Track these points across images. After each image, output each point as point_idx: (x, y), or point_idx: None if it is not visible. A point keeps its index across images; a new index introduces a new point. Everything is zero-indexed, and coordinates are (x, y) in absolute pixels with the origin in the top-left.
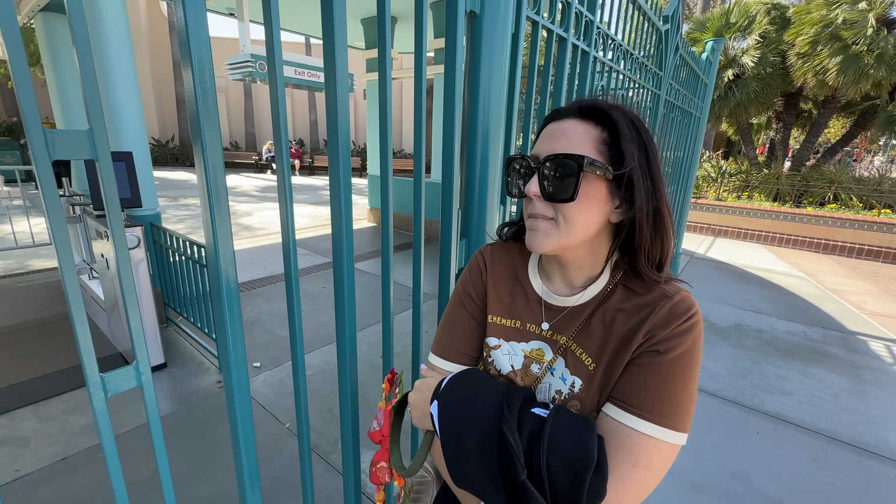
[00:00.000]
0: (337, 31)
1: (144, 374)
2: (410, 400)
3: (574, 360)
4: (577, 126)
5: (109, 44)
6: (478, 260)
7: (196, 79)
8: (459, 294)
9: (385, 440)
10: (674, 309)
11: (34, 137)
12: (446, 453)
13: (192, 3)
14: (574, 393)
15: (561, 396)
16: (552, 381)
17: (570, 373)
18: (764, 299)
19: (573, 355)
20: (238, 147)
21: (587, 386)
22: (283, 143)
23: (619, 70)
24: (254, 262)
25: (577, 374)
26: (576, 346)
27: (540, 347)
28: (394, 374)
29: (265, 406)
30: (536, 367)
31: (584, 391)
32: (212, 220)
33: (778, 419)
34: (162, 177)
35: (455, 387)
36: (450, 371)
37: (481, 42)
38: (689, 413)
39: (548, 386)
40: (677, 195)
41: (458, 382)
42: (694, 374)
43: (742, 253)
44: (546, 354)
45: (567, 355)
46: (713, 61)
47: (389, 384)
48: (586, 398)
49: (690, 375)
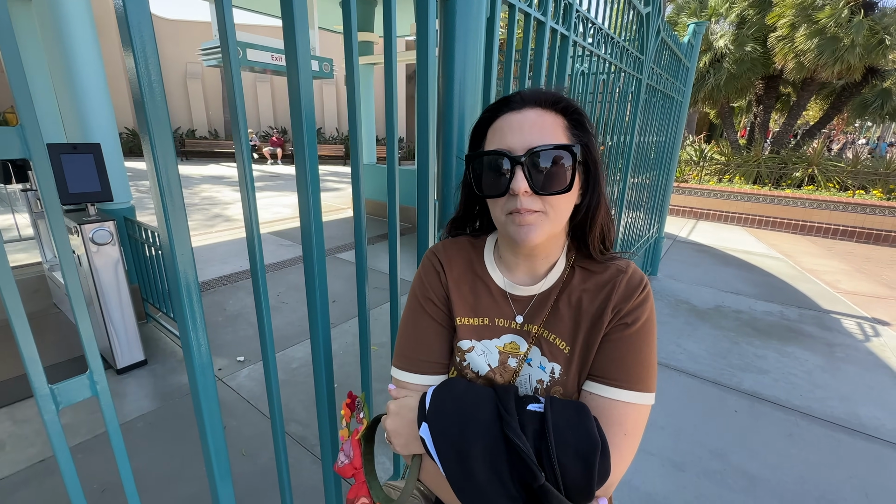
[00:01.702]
0: (297, 10)
1: (100, 384)
2: (389, 427)
3: (549, 347)
4: (544, 116)
5: (71, 29)
6: (432, 262)
7: (139, 65)
8: (418, 300)
9: (359, 473)
10: (630, 281)
11: None
12: (451, 474)
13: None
14: (555, 379)
15: (543, 385)
16: (531, 372)
17: (547, 360)
18: (743, 280)
19: (547, 342)
20: (217, 136)
21: (566, 369)
22: (241, 130)
23: (600, 54)
24: (235, 255)
25: (555, 359)
26: (548, 333)
27: (513, 341)
28: (353, 398)
29: (249, 400)
30: (513, 360)
31: (564, 374)
32: (165, 215)
33: (755, 397)
34: (137, 167)
35: (443, 403)
36: (421, 385)
37: (455, 27)
38: (655, 372)
39: (527, 378)
40: (660, 179)
41: (443, 397)
42: (655, 337)
43: (723, 235)
44: (521, 346)
45: (541, 343)
46: (695, 45)
47: (350, 409)
48: (567, 381)
49: (653, 338)
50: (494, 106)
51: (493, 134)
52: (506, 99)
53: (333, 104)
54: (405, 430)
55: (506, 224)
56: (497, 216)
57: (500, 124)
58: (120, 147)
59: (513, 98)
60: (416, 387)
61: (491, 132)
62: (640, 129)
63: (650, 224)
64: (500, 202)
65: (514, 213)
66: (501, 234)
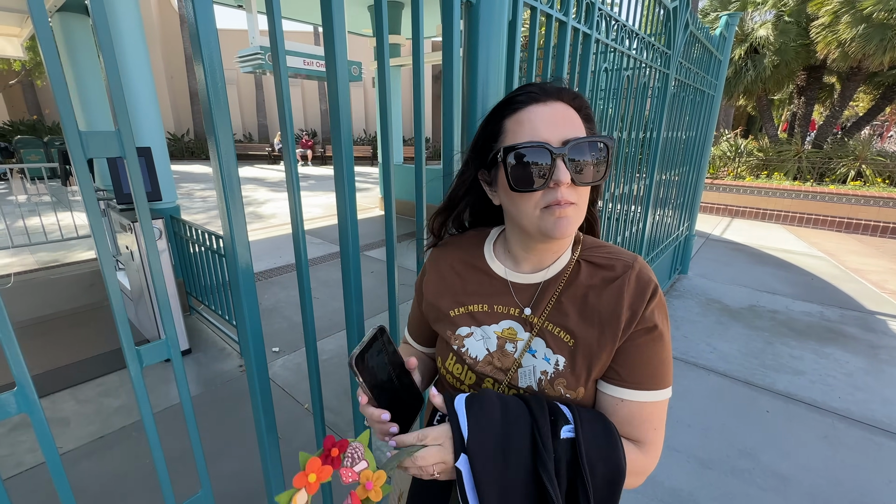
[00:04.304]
0: (336, 17)
1: (174, 349)
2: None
3: (553, 339)
4: (568, 110)
5: (124, 41)
6: (426, 264)
7: (207, 73)
8: (416, 285)
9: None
10: (640, 277)
11: (71, 138)
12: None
13: None
14: (559, 371)
15: (547, 377)
16: (535, 363)
17: (552, 352)
18: (780, 280)
19: (551, 334)
20: (251, 139)
21: (570, 362)
22: (288, 133)
23: (624, 51)
24: (269, 252)
25: (560, 352)
26: (552, 326)
27: (511, 326)
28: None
29: (284, 388)
30: (511, 345)
31: (568, 367)
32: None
33: (789, 398)
34: (179, 170)
35: (482, 431)
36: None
37: (478, 31)
38: (672, 366)
39: (531, 368)
40: (690, 175)
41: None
42: (670, 332)
43: (759, 234)
44: (518, 333)
45: (545, 335)
46: (728, 37)
47: (329, 459)
48: (571, 374)
49: (669, 335)
50: (509, 98)
51: (520, 126)
52: (522, 91)
53: (361, 106)
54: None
55: (539, 218)
56: (526, 211)
57: (526, 116)
58: (167, 151)
59: (529, 91)
60: (412, 348)
61: (514, 125)
62: (668, 125)
63: (680, 221)
64: (535, 196)
65: (553, 205)
66: (520, 230)
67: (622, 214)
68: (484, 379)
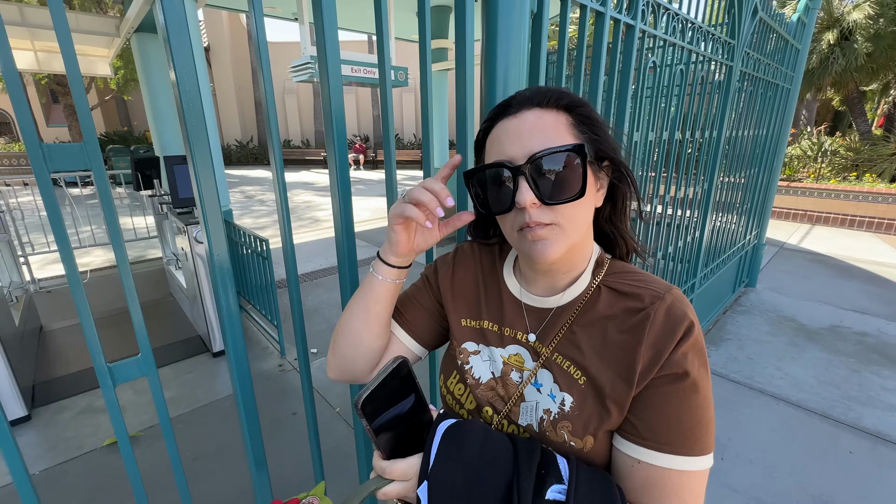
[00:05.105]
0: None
1: (149, 366)
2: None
3: (561, 374)
4: (544, 116)
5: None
6: (449, 256)
7: (266, 82)
8: (425, 272)
9: None
10: (671, 310)
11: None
12: None
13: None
14: (564, 412)
15: (550, 416)
16: (539, 399)
17: (559, 389)
18: (871, 297)
19: (559, 368)
20: (309, 144)
21: (580, 403)
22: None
23: (675, 42)
24: (317, 254)
25: (568, 390)
26: (561, 358)
27: (518, 353)
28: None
29: (318, 390)
30: (516, 375)
31: (577, 409)
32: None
33: (878, 438)
34: (242, 175)
35: (453, 464)
36: (399, 337)
37: (497, 25)
38: (713, 428)
39: (534, 405)
40: (760, 178)
41: (452, 456)
42: (710, 385)
43: (845, 243)
44: (526, 362)
45: (552, 367)
46: (807, 22)
47: None
48: (579, 418)
49: (709, 388)
50: (491, 114)
51: (491, 145)
52: (503, 104)
53: (412, 111)
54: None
55: (518, 241)
56: (508, 233)
57: (496, 133)
58: (221, 157)
59: (510, 102)
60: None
61: (489, 143)
62: (732, 123)
63: (747, 229)
64: (509, 218)
65: (525, 228)
66: (517, 251)
67: (674, 220)
68: (483, 407)
